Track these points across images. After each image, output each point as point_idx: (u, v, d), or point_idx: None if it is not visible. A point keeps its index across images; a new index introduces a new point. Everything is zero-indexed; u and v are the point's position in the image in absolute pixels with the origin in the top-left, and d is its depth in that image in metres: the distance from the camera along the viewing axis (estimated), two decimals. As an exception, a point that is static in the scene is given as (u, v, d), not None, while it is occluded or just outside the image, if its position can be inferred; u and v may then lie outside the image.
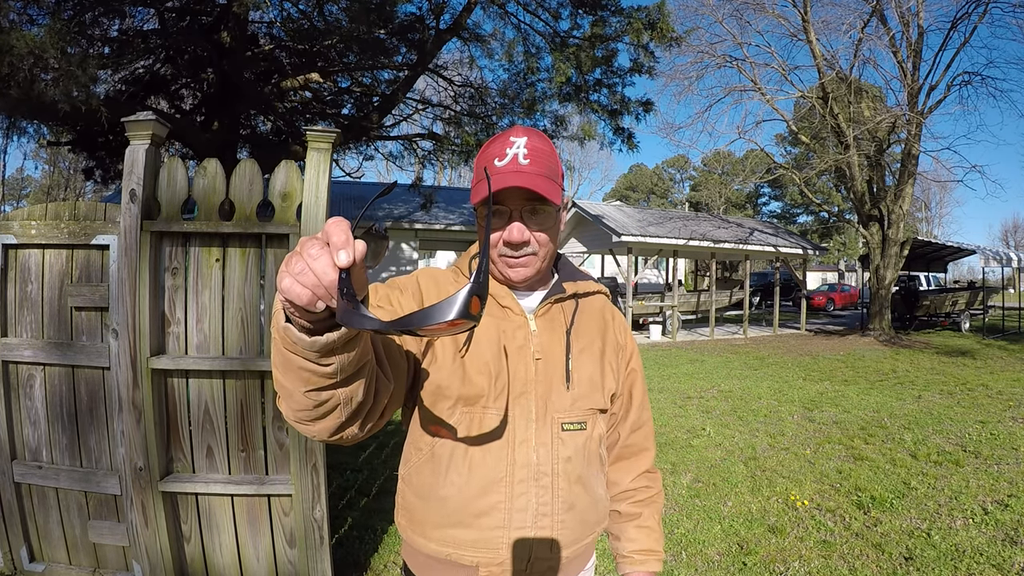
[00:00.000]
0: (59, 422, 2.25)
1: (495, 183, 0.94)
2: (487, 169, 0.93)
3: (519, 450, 0.98)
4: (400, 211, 14.13)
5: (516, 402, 1.00)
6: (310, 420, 0.74)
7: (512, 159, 0.96)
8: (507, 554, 0.98)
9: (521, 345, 1.02)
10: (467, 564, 0.99)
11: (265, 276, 2.20)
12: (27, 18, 4.83)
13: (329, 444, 0.97)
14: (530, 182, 0.94)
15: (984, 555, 2.96)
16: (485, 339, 1.02)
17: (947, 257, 18.59)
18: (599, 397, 1.06)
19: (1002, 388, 7.53)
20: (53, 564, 2.34)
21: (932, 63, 14.07)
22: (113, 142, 7.78)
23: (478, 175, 1.00)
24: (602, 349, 1.10)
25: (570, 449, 1.01)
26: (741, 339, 14.29)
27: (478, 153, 1.04)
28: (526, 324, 1.04)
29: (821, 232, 40.56)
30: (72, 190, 30.64)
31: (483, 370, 0.99)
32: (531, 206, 0.98)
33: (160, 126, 2.17)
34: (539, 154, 0.98)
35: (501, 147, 0.98)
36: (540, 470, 0.99)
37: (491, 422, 0.99)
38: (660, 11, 7.50)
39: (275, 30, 8.11)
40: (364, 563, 2.91)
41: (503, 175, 0.95)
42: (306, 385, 0.67)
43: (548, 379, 1.02)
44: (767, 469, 4.39)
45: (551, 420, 1.01)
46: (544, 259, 1.04)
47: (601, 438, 1.09)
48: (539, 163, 0.97)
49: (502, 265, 1.03)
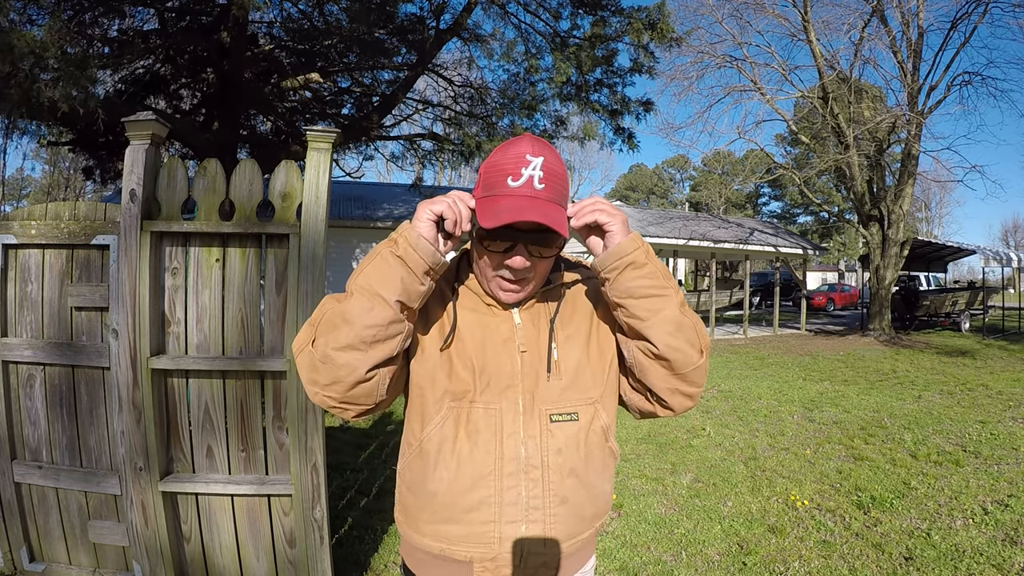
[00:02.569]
0: (59, 422, 2.25)
1: (509, 211, 0.91)
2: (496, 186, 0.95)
3: (507, 443, 0.98)
4: (400, 211, 14.12)
5: (503, 395, 1.00)
6: (371, 343, 0.90)
7: (527, 182, 0.92)
8: (499, 549, 0.98)
9: (506, 338, 1.02)
10: (461, 559, 1.00)
11: (265, 276, 2.20)
12: (27, 18, 4.83)
13: (346, 412, 0.98)
14: (545, 217, 0.91)
15: (984, 555, 2.96)
16: (470, 334, 1.02)
17: (947, 257, 18.60)
18: (590, 385, 1.03)
19: (1002, 388, 7.53)
20: (53, 564, 2.34)
21: (932, 63, 14.10)
22: (113, 142, 7.77)
23: (486, 188, 0.96)
24: (588, 333, 1.06)
25: (560, 441, 1.00)
26: (741, 339, 14.29)
27: (486, 160, 0.99)
28: (510, 318, 1.04)
29: (821, 232, 40.57)
30: (72, 190, 30.64)
31: (468, 365, 1.00)
32: (540, 235, 0.95)
33: (160, 126, 2.17)
34: (554, 178, 0.94)
35: (515, 164, 0.93)
36: (529, 463, 0.98)
37: (478, 416, 0.99)
38: (660, 11, 7.49)
39: (275, 30, 8.11)
40: (364, 563, 2.91)
41: (517, 201, 0.92)
42: (395, 295, 0.90)
43: (535, 371, 1.01)
44: (767, 469, 4.39)
45: (539, 412, 1.00)
46: (537, 282, 1.03)
47: (605, 429, 1.05)
48: (554, 188, 0.94)
49: (495, 286, 1.02)
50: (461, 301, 1.06)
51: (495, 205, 0.93)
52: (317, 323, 0.95)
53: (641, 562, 2.97)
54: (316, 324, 0.95)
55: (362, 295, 0.91)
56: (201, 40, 6.73)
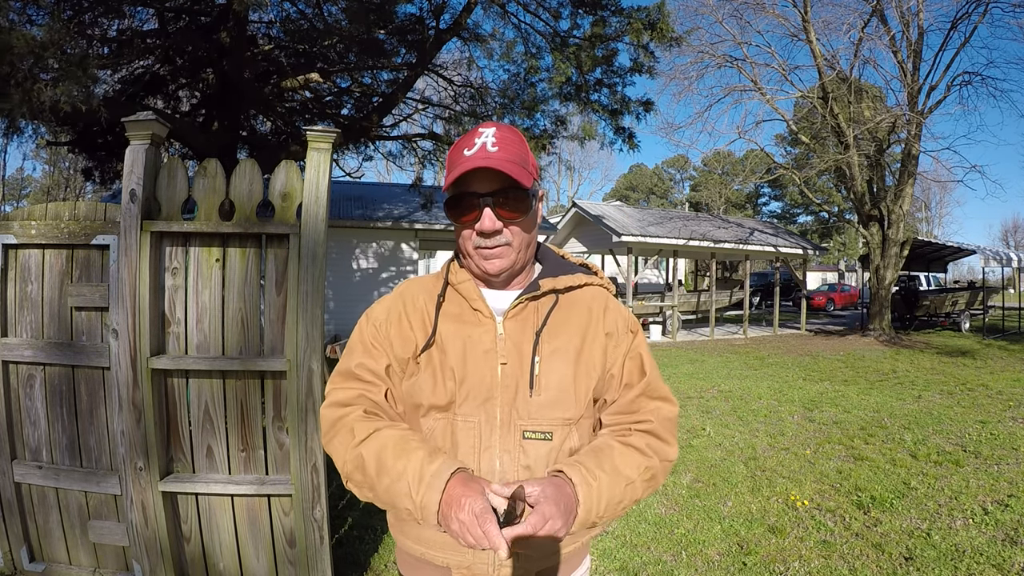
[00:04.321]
0: (59, 422, 2.25)
1: (460, 168, 0.95)
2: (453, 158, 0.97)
3: (483, 456, 0.98)
4: (400, 211, 14.11)
5: (482, 408, 0.99)
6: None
7: (480, 147, 0.96)
8: (473, 559, 1.00)
9: (487, 349, 1.01)
10: (439, 565, 1.02)
11: (265, 276, 2.20)
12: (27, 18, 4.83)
13: None
14: (498, 165, 0.94)
15: (984, 555, 2.96)
16: (451, 346, 1.02)
17: (947, 257, 18.59)
18: (570, 404, 1.01)
19: (1002, 388, 7.53)
20: (53, 564, 2.34)
21: (932, 63, 14.09)
22: (113, 142, 7.77)
23: (448, 167, 1.00)
24: (579, 349, 1.03)
25: (530, 458, 0.99)
26: (741, 339, 14.29)
27: (448, 151, 1.04)
28: (494, 328, 1.02)
29: (821, 232, 40.55)
30: (72, 190, 30.63)
31: (451, 376, 1.00)
32: (502, 193, 0.97)
33: (160, 126, 2.17)
34: (507, 142, 0.98)
35: (470, 139, 0.99)
36: (504, 478, 0.97)
37: (460, 428, 1.00)
38: (660, 11, 7.49)
39: (275, 30, 8.10)
40: (364, 563, 2.91)
41: (470, 160, 0.95)
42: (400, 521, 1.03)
43: (515, 384, 1.00)
44: (767, 469, 4.39)
45: (514, 427, 0.99)
46: (520, 249, 1.03)
47: (575, 452, 1.02)
48: (508, 150, 0.97)
49: (478, 258, 1.02)
50: (446, 309, 1.06)
51: (451, 173, 0.97)
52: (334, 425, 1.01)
53: (641, 562, 2.97)
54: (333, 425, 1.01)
55: (380, 503, 0.95)
56: (201, 40, 6.72)
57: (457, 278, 1.07)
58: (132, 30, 6.82)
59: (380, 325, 1.07)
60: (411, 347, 1.04)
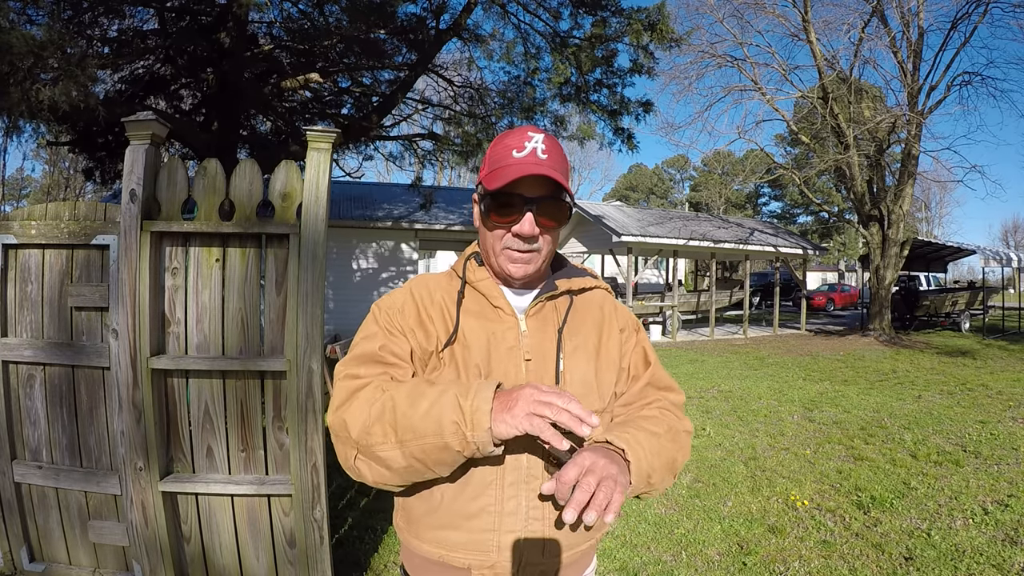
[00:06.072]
0: (59, 422, 2.25)
1: (516, 171, 0.95)
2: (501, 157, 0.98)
3: (509, 453, 0.98)
4: (400, 211, 14.12)
5: None
6: (400, 484, 0.96)
7: (532, 152, 0.97)
8: (497, 557, 0.98)
9: (511, 346, 1.02)
10: (458, 566, 0.99)
11: (265, 276, 2.20)
12: (27, 18, 4.83)
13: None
14: (550, 172, 0.95)
15: (984, 555, 2.96)
16: (475, 342, 1.02)
17: (947, 257, 18.59)
18: (594, 398, 1.04)
19: (1002, 388, 7.53)
20: (53, 564, 2.34)
21: (932, 63, 14.09)
22: (113, 142, 7.78)
23: (492, 163, 1.00)
24: (597, 346, 1.08)
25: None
26: (741, 339, 14.29)
27: (491, 144, 1.04)
28: (516, 325, 1.03)
29: (821, 232, 40.54)
30: (72, 190, 30.62)
31: (476, 372, 1.00)
32: (548, 200, 0.98)
33: (160, 126, 2.17)
34: (556, 153, 1.00)
35: (519, 140, 0.99)
36: (530, 473, 0.98)
37: None
38: (660, 12, 7.50)
39: (275, 30, 8.11)
40: (364, 563, 2.91)
41: (524, 164, 0.96)
42: (433, 468, 0.89)
43: (539, 380, 1.01)
44: (767, 469, 4.39)
45: None
46: (546, 258, 1.05)
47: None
48: (556, 160, 0.99)
49: (504, 259, 1.02)
50: (466, 306, 1.05)
51: (502, 172, 0.97)
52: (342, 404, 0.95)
53: (641, 562, 2.97)
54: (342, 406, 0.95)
55: (403, 458, 0.89)
56: (201, 40, 6.72)
57: (476, 276, 1.07)
58: (132, 30, 6.82)
59: (397, 314, 1.04)
60: (432, 340, 1.03)
